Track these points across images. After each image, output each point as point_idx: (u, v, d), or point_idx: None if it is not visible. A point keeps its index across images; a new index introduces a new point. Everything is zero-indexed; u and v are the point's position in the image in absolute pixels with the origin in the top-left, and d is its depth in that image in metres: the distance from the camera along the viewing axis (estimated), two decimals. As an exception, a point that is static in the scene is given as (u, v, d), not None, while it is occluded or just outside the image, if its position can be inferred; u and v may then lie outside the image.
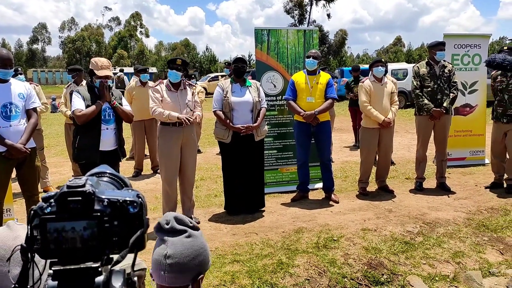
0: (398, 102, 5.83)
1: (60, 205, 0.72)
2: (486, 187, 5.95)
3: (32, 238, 0.73)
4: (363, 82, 5.77)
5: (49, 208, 0.72)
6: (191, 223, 1.45)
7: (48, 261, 0.74)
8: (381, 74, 5.67)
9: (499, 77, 5.71)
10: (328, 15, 48.89)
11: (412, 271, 3.62)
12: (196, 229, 1.45)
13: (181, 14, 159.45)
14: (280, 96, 5.89)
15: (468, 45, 7.32)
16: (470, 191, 5.82)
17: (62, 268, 0.72)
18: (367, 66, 19.96)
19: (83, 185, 0.73)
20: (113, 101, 4.08)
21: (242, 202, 5.04)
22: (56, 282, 0.72)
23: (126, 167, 7.38)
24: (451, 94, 5.68)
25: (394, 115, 5.65)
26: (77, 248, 0.72)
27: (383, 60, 5.93)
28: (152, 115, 4.53)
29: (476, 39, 7.44)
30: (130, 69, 27.36)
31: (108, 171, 0.90)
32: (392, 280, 3.50)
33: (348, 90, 9.29)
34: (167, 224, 1.40)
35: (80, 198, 0.72)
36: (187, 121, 4.41)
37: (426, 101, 5.65)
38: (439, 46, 5.75)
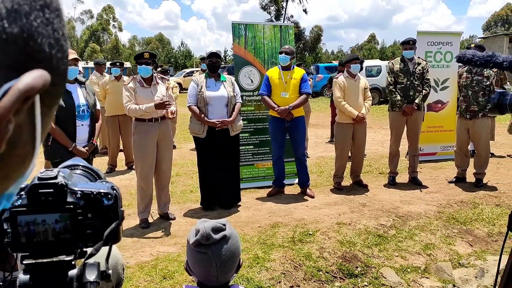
0: (371, 98, 5.92)
1: (31, 197, 0.69)
2: (449, 182, 6.09)
3: (2, 231, 0.71)
4: (337, 78, 5.83)
5: (20, 200, 0.70)
6: (222, 224, 1.48)
7: (20, 254, 0.72)
8: (357, 71, 5.74)
9: (464, 73, 5.84)
10: (305, 11, 49.11)
11: (385, 263, 3.70)
12: (224, 225, 1.49)
13: (156, 8, 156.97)
14: (257, 91, 5.88)
15: (440, 43, 7.48)
16: (440, 185, 5.97)
17: (34, 261, 0.71)
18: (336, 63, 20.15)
19: (55, 177, 0.70)
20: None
21: (218, 197, 5.04)
22: (28, 276, 0.70)
23: (99, 163, 7.25)
24: (424, 91, 5.79)
25: (368, 111, 5.73)
26: (49, 241, 0.70)
27: (359, 57, 6.00)
28: (127, 113, 4.44)
29: (448, 37, 7.61)
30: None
31: (81, 164, 0.88)
32: (366, 273, 3.56)
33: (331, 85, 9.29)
34: (208, 239, 1.43)
35: (52, 190, 0.70)
36: (165, 104, 4.29)
37: (398, 97, 5.76)
38: (404, 45, 5.93)
